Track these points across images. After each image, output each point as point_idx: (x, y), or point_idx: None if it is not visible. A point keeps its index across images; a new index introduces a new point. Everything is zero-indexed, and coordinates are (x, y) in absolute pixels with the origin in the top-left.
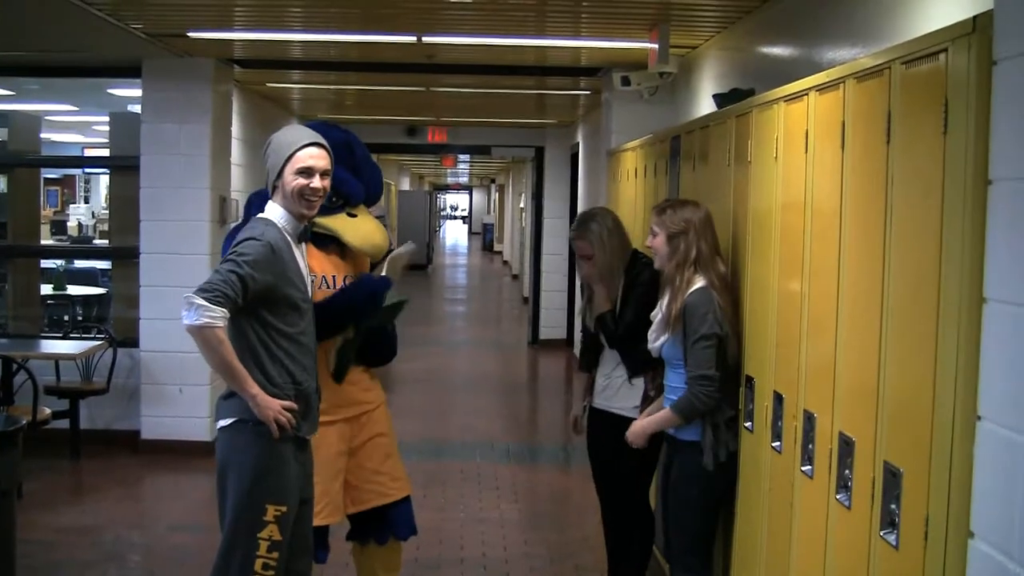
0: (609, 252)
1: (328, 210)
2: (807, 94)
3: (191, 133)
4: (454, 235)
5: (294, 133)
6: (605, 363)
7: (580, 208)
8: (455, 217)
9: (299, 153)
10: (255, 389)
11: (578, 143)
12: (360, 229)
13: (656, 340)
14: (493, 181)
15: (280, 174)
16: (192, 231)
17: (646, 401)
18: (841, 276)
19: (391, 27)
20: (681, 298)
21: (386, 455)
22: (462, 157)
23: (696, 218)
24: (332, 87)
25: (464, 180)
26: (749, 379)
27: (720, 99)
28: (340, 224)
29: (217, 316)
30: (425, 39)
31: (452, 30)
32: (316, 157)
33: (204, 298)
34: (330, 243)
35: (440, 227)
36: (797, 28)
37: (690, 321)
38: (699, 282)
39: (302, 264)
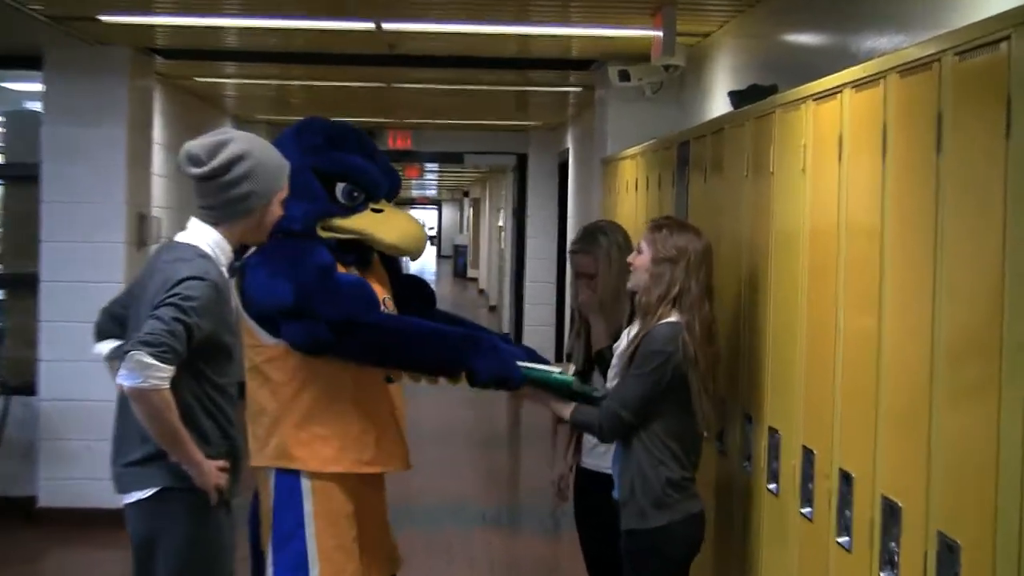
0: (616, 273)
1: (348, 209)
2: (840, 91)
3: (103, 137)
4: (420, 259)
5: (275, 153)
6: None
7: (571, 226)
8: None
9: (286, 181)
10: (200, 456)
11: (567, 149)
12: (392, 224)
13: (616, 377)
14: (467, 195)
15: (269, 203)
16: (104, 254)
17: None
18: (883, 310)
19: (345, 12)
20: (645, 331)
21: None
22: (429, 166)
23: (693, 249)
24: (274, 83)
25: (432, 193)
26: (772, 431)
27: (736, 97)
28: (366, 223)
29: (165, 376)
30: (385, 26)
31: (418, 15)
32: None
33: (150, 354)
34: (349, 257)
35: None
36: (828, 12)
37: (641, 351)
38: (674, 316)
39: (234, 303)
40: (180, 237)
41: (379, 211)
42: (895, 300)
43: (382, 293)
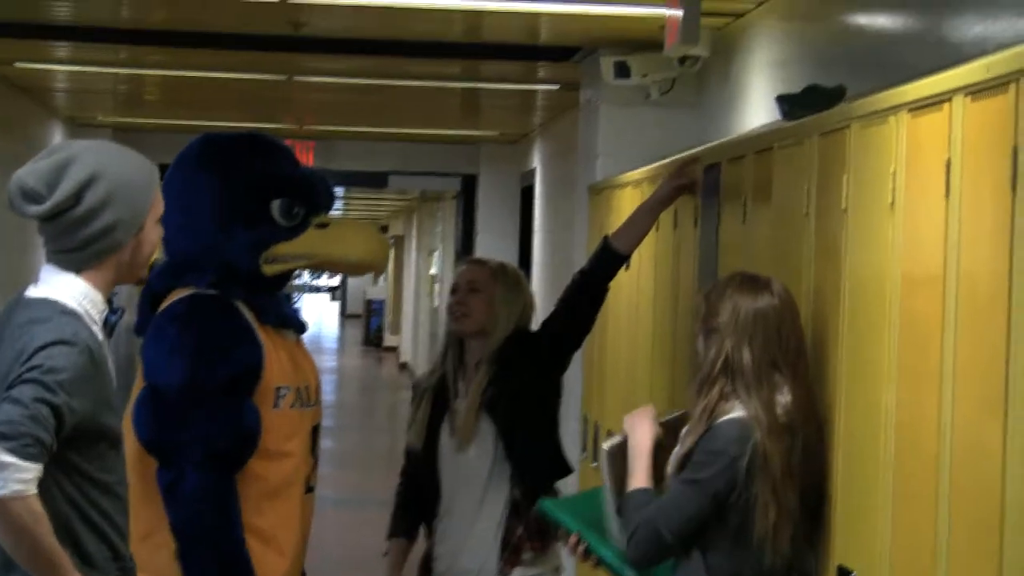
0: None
1: (289, 230)
2: (950, 99)
3: None
4: (316, 317)
5: (137, 161)
6: (462, 504)
7: (538, 277)
8: (318, 289)
9: (158, 193)
10: None
11: (534, 170)
12: (348, 238)
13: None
14: (385, 230)
15: (142, 228)
16: None
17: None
18: (1011, 401)
19: None
20: (701, 428)
21: None
22: (336, 190)
23: (744, 311)
24: (123, 72)
25: None
26: (844, 573)
27: (789, 104)
28: (316, 243)
29: (30, 479)
30: None
31: None
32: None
33: (8, 450)
34: (283, 315)
35: (293, 304)
36: None
37: (696, 455)
38: (737, 411)
39: (112, 370)
40: (33, 292)
41: (324, 226)
42: None
43: (310, 375)
